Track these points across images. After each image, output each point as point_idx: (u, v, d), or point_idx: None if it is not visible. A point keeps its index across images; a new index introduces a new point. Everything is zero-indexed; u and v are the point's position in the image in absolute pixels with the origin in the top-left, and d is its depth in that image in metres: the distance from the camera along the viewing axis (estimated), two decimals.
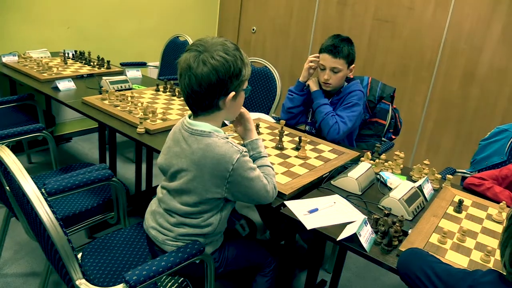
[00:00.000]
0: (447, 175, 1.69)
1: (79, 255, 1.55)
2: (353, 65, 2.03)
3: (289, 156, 1.73)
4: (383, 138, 2.47)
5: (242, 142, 1.46)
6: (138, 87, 2.60)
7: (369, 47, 3.62)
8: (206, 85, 1.19)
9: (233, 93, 1.22)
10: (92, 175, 1.67)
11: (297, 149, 1.82)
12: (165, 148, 1.37)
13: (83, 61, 2.99)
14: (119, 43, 3.74)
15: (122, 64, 3.35)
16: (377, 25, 3.55)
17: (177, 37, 3.69)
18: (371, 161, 1.76)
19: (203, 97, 1.22)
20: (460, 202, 1.48)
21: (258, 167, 1.36)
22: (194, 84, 1.19)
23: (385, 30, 3.50)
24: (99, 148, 2.54)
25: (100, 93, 2.27)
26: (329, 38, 2.03)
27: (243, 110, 1.41)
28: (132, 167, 3.19)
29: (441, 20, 3.23)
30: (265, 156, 1.42)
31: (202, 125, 1.26)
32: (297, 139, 1.90)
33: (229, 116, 1.33)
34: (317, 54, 2.03)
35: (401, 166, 1.79)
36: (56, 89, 2.39)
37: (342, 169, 1.67)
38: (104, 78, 2.49)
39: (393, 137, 2.52)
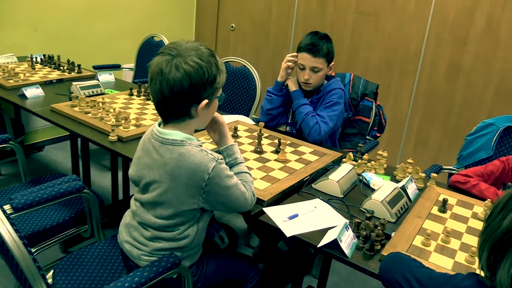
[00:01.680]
0: (432, 174, 1.70)
1: (50, 273, 1.52)
2: (333, 63, 2.04)
3: (269, 160, 1.73)
4: (367, 136, 2.48)
5: (217, 148, 1.45)
6: (111, 91, 2.58)
7: (353, 42, 3.64)
8: (178, 91, 1.18)
9: (206, 101, 1.22)
10: (61, 188, 1.64)
11: (276, 152, 1.82)
12: (135, 158, 1.36)
13: (52, 66, 2.95)
14: (91, 46, 3.70)
15: (95, 67, 3.31)
16: (359, 19, 3.57)
17: (152, 37, 3.67)
18: (354, 162, 1.77)
19: (175, 104, 1.21)
20: (445, 201, 1.49)
21: (235, 174, 1.36)
22: (165, 89, 1.18)
23: (368, 24, 3.52)
24: (71, 157, 2.51)
25: (70, 100, 2.24)
26: (307, 36, 2.03)
27: (217, 114, 1.40)
28: (109, 176, 3.16)
29: (424, 11, 3.26)
30: (242, 162, 1.42)
31: (173, 134, 1.25)
32: (277, 141, 1.90)
33: (201, 124, 1.32)
34: (295, 54, 2.03)
35: (385, 165, 1.80)
36: (23, 96, 2.36)
37: (324, 171, 1.67)
38: (74, 83, 2.46)
39: (378, 134, 2.54)
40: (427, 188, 1.65)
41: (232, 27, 4.41)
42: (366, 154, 1.87)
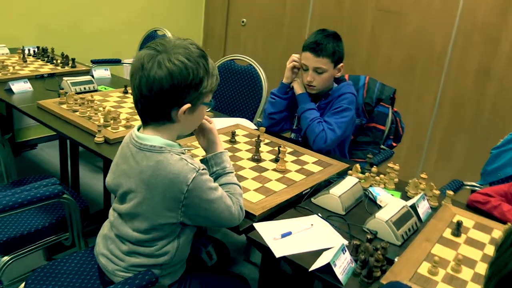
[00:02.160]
0: (447, 191, 1.63)
1: (22, 285, 1.50)
2: (341, 64, 2.00)
3: (266, 169, 1.70)
4: (382, 146, 2.42)
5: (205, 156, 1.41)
6: (105, 88, 2.57)
7: (372, 41, 3.58)
8: (157, 91, 1.15)
9: (188, 106, 1.19)
10: (38, 192, 1.62)
11: (276, 161, 1.77)
12: (113, 165, 1.33)
13: (45, 59, 2.95)
14: (90, 39, 3.70)
15: (93, 62, 3.31)
16: (380, 16, 3.50)
17: (155, 31, 3.67)
18: (361, 175, 1.71)
19: (153, 104, 1.18)
20: (459, 224, 1.42)
21: (222, 185, 1.33)
22: (144, 87, 1.16)
23: (389, 21, 3.46)
24: (60, 157, 2.50)
25: (59, 96, 2.23)
26: (312, 34, 1.99)
27: (205, 121, 1.37)
28: (102, 178, 3.14)
29: (451, 9, 3.18)
30: (231, 172, 1.38)
31: (151, 139, 1.22)
32: (277, 149, 1.85)
33: (184, 130, 1.29)
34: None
35: (396, 180, 1.74)
36: (10, 91, 2.35)
37: (327, 184, 1.63)
38: (65, 78, 2.45)
39: (394, 144, 2.48)
40: (442, 208, 1.59)
41: (243, 22, 4.38)
42: (375, 166, 1.81)
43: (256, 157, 1.77)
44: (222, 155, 1.39)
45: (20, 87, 2.37)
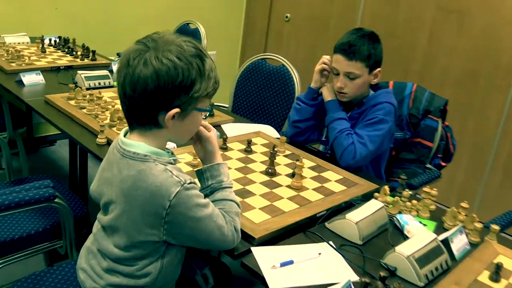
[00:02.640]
0: (492, 225, 1.51)
1: None
2: (378, 69, 1.95)
3: (280, 185, 1.67)
4: (427, 165, 2.29)
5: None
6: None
7: (430, 45, 3.44)
8: (141, 91, 1.13)
9: (176, 110, 1.15)
10: (28, 195, 1.63)
11: (292, 175, 1.71)
12: (99, 171, 1.32)
13: (66, 50, 3.01)
14: (117, 31, 3.76)
15: (119, 55, 3.36)
16: (440, 17, 3.36)
17: (187, 24, 3.70)
18: (389, 198, 1.62)
19: (138, 106, 1.16)
20: (499, 266, 1.30)
21: (216, 201, 1.29)
22: (128, 86, 1.14)
23: (451, 23, 3.31)
24: (69, 157, 2.53)
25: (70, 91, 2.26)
26: (345, 34, 1.93)
27: (202, 128, 1.34)
28: None
29: None
30: (228, 187, 1.33)
31: (136, 146, 1.19)
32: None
33: (176, 138, 1.27)
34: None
35: (432, 207, 1.65)
36: (20, 83, 2.41)
37: (348, 207, 1.57)
38: (79, 72, 2.48)
39: (443, 164, 2.35)
40: (483, 244, 1.47)
41: (286, 17, 4.34)
42: (413, 188, 1.71)
43: (270, 170, 1.73)
44: (219, 167, 1.35)
45: (31, 79, 2.42)
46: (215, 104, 2.82)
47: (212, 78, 1.20)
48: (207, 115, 1.28)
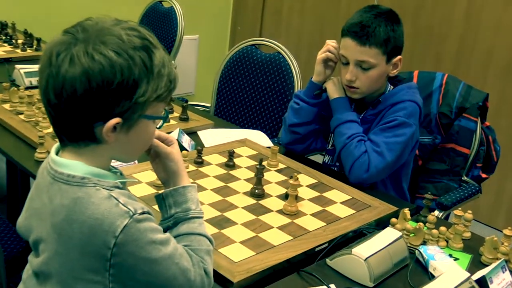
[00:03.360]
0: None
1: None
2: (399, 57, 1.93)
3: (269, 210, 1.65)
4: (464, 177, 2.28)
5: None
6: None
7: (467, 21, 3.41)
8: (67, 97, 1.09)
9: (116, 120, 1.11)
10: None
11: (286, 197, 1.69)
12: (27, 199, 1.28)
13: (3, 38, 2.99)
14: (72, 12, 3.72)
15: None
16: None
17: (160, 2, 3.68)
18: (410, 224, 1.59)
19: (66, 116, 1.12)
20: None
21: (180, 236, 1.26)
22: (52, 91, 1.10)
23: None
24: (7, 176, 2.50)
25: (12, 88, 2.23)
26: (357, 13, 1.92)
27: (158, 142, 1.30)
28: None
29: None
30: (197, 218, 1.30)
31: (71, 166, 1.15)
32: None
33: (122, 155, 1.23)
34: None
35: (466, 234, 1.62)
36: None
37: (356, 237, 1.56)
38: (18, 66, 2.45)
39: (483, 175, 2.32)
40: None
41: None
42: (433, 212, 1.69)
43: (257, 191, 1.71)
44: (185, 191, 1.31)
45: None
46: (194, 104, 2.81)
47: (165, 76, 1.16)
48: (162, 123, 1.24)
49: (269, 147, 2.05)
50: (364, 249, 1.41)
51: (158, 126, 1.25)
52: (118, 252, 1.10)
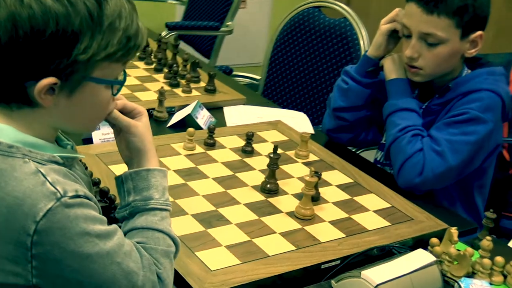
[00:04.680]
0: None
1: None
2: (479, 33, 1.87)
3: (278, 211, 1.64)
4: None
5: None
6: None
7: None
8: None
9: (51, 80, 1.10)
10: None
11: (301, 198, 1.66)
12: None
13: None
14: None
15: None
16: None
17: None
18: (455, 249, 1.50)
19: None
20: None
21: (135, 230, 1.24)
22: None
23: None
24: None
25: None
26: None
27: (118, 114, 1.29)
28: None
29: None
30: (160, 210, 1.27)
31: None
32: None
33: (67, 125, 1.22)
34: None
35: None
36: None
37: (384, 255, 1.53)
38: None
39: None
40: None
41: None
42: (490, 236, 1.60)
43: (268, 185, 1.69)
44: (149, 175, 1.28)
45: None
46: (240, 75, 2.80)
47: (119, 31, 1.13)
48: (118, 89, 1.21)
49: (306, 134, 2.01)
50: (377, 273, 1.35)
51: (114, 93, 1.22)
52: (40, 241, 1.08)
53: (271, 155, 1.68)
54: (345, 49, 2.60)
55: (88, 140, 1.91)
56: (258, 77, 2.86)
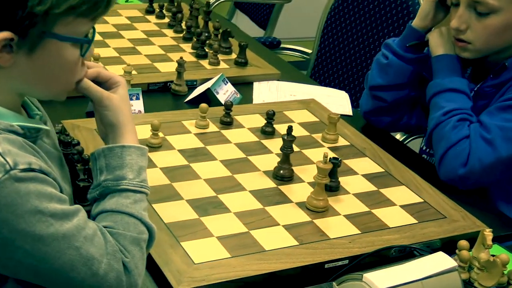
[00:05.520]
0: None
1: None
2: None
3: (288, 201, 1.64)
4: None
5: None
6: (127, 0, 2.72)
7: None
8: None
9: (5, 35, 1.10)
10: None
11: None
12: None
13: None
14: None
15: None
16: None
17: None
18: (486, 255, 1.43)
19: None
20: None
21: (104, 213, 1.24)
22: None
23: None
24: None
25: None
26: None
27: (100, 74, 1.31)
28: None
29: None
30: (134, 191, 1.27)
31: None
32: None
33: (30, 89, 1.24)
34: None
35: None
36: None
37: (403, 257, 1.51)
38: None
39: None
40: None
41: None
42: None
43: (281, 171, 1.70)
44: (123, 152, 1.28)
45: None
46: (290, 48, 2.79)
47: None
48: (87, 49, 1.20)
49: (343, 116, 2.06)
50: (382, 277, 1.32)
51: (82, 53, 1.22)
52: None
53: (285, 137, 1.68)
54: (405, 21, 2.56)
55: (91, 114, 1.94)
56: (308, 51, 2.83)
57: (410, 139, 2.30)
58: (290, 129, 1.70)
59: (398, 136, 2.29)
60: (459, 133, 1.80)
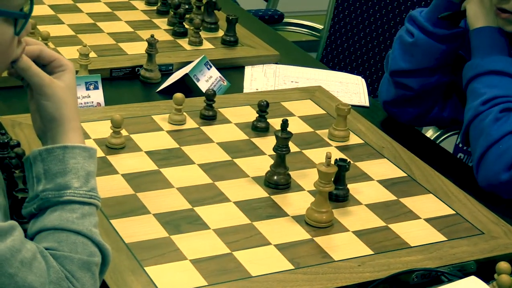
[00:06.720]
0: None
1: None
2: None
3: (283, 214, 1.65)
4: None
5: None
6: None
7: None
8: None
9: None
10: None
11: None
12: None
13: None
14: None
15: None
16: None
17: None
18: None
19: None
20: None
21: (44, 232, 1.24)
22: None
23: None
24: None
25: None
26: None
27: (43, 53, 1.31)
28: None
29: None
30: (82, 204, 1.27)
31: None
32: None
33: None
34: None
35: None
36: None
37: (431, 283, 1.52)
38: None
39: None
40: None
41: None
42: None
43: (275, 177, 1.72)
44: (66, 154, 1.28)
45: None
46: (295, 22, 2.80)
47: None
48: (23, 25, 1.21)
49: (357, 107, 2.03)
50: None
51: (17, 32, 1.22)
52: None
53: (279, 134, 1.67)
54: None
55: None
56: (319, 27, 2.83)
57: (444, 136, 2.31)
58: (285, 123, 1.71)
59: (429, 132, 2.29)
60: (503, 128, 1.81)
